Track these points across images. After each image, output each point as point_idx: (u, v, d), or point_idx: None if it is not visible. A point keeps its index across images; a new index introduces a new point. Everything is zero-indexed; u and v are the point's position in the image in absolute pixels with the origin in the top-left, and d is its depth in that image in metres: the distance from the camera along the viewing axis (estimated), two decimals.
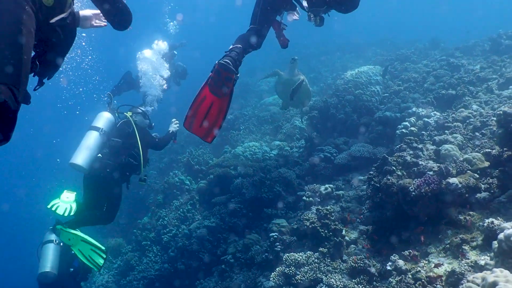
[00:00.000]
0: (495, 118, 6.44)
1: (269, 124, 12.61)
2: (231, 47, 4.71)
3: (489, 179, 5.18)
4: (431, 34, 18.33)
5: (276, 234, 6.84)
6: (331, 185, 7.35)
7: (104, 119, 6.76)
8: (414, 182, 5.27)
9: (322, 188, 7.24)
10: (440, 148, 5.71)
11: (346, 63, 16.30)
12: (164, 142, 7.59)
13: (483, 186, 5.12)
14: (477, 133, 6.17)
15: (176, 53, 10.72)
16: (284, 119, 12.26)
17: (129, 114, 7.18)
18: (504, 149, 5.19)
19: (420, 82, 10.25)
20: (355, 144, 8.50)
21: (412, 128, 7.46)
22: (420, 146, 5.99)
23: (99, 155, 6.51)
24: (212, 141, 5.22)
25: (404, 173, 5.56)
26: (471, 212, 4.94)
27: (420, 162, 5.57)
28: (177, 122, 7.91)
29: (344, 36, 23.66)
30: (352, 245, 6.02)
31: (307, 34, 18.98)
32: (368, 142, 8.46)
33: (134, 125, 6.82)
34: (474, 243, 4.58)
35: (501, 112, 5.02)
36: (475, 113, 7.14)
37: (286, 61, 8.44)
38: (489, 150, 5.54)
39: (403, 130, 7.53)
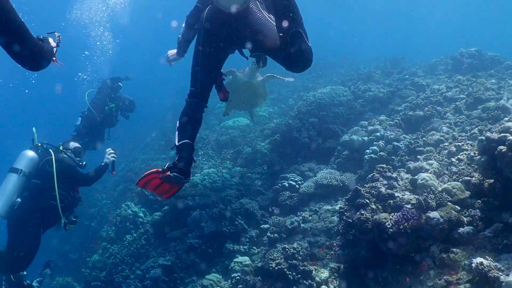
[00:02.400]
0: (470, 142, 6.03)
1: (229, 149, 11.93)
2: (178, 142, 3.63)
3: (471, 211, 4.69)
4: (391, 52, 18.35)
5: (239, 274, 6.13)
6: (297, 218, 6.74)
7: (24, 158, 6.07)
8: (391, 217, 4.71)
9: (288, 222, 6.60)
10: (416, 177, 5.19)
11: (307, 83, 15.89)
12: (94, 177, 6.82)
13: (465, 219, 4.61)
14: (453, 159, 5.71)
15: (121, 85, 10.11)
16: (245, 143, 11.63)
17: (60, 148, 6.43)
18: (485, 178, 4.73)
19: (385, 103, 9.87)
20: (321, 170, 7.96)
21: (382, 153, 6.98)
22: (394, 175, 5.46)
23: (18, 199, 5.77)
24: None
25: (379, 206, 4.99)
26: (454, 249, 4.41)
27: (396, 194, 5.03)
28: (113, 151, 7.14)
29: None
30: (323, 287, 5.40)
31: None
32: (335, 168, 7.93)
33: (54, 164, 6.03)
34: (462, 286, 4.04)
35: (483, 138, 4.55)
36: (447, 136, 6.74)
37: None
38: (468, 178, 5.08)
39: (372, 155, 7.05)
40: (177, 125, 3.69)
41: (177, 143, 3.58)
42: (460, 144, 5.99)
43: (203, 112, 3.81)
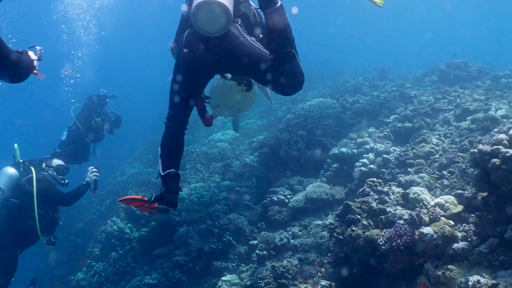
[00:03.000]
0: (461, 155, 5.94)
1: (218, 162, 11.74)
2: (163, 172, 3.36)
3: (465, 226, 4.58)
4: (378, 64, 18.39)
5: None
6: (286, 234, 6.57)
7: (4, 176, 5.83)
8: (383, 233, 4.57)
9: (277, 238, 6.42)
10: (408, 191, 5.06)
11: (295, 96, 15.78)
12: (75, 197, 6.58)
13: (460, 234, 4.49)
14: (444, 172, 5.61)
15: (108, 100, 9.94)
16: (234, 156, 11.47)
17: (43, 166, 6.20)
18: (478, 191, 4.62)
19: (374, 115, 9.80)
20: (310, 184, 7.80)
21: (372, 166, 6.86)
22: (385, 189, 5.32)
23: None
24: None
25: (371, 222, 4.84)
26: (450, 266, 4.27)
27: (388, 209, 4.89)
28: (95, 170, 6.91)
29: None
30: None
31: None
32: (325, 181, 7.79)
33: (34, 183, 5.79)
34: None
35: (475, 150, 4.44)
36: (437, 148, 6.65)
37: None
38: (461, 191, 4.98)
39: (362, 168, 6.92)
40: (159, 152, 3.45)
41: (162, 173, 3.34)
42: (451, 156, 5.89)
43: (184, 135, 3.61)
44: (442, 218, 4.63)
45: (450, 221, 4.59)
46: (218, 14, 2.98)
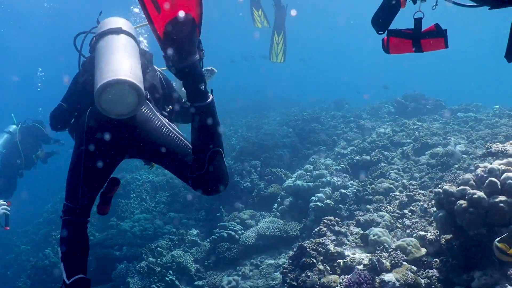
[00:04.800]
0: (422, 192, 5.60)
1: (165, 191, 11.02)
2: (68, 279, 2.51)
3: (428, 272, 4.17)
4: (334, 95, 18.40)
5: None
6: (236, 277, 5.99)
7: None
8: (341, 280, 4.09)
9: (225, 281, 5.82)
10: (367, 232, 4.63)
11: (250, 123, 15.40)
12: None
13: (423, 281, 4.08)
14: (405, 210, 5.23)
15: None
16: (182, 185, 10.79)
17: None
18: (442, 234, 4.25)
19: (331, 146, 9.48)
20: (263, 218, 7.30)
21: (328, 201, 6.44)
22: (343, 229, 4.87)
23: None
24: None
25: (327, 267, 4.35)
26: None
27: (346, 252, 4.43)
28: (5, 203, 6.00)
29: (244, 96, 23.09)
30: None
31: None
32: (278, 216, 7.30)
33: None
34: None
35: (440, 190, 4.08)
36: (397, 183, 6.32)
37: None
38: (423, 232, 4.60)
39: (318, 203, 6.49)
40: (60, 254, 2.66)
41: (67, 281, 2.52)
42: (411, 193, 5.54)
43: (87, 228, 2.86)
44: (404, 263, 4.21)
45: (413, 267, 4.18)
46: (127, 94, 2.44)
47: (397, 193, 5.88)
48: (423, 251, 4.40)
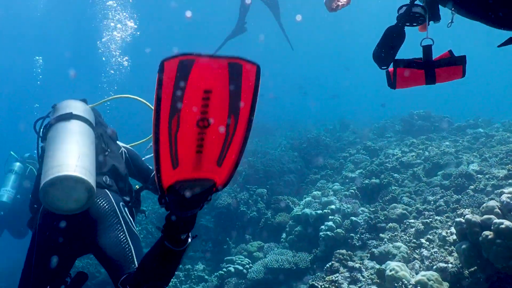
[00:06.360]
0: (438, 218, 5.28)
1: None
2: None
3: None
4: (337, 115, 18.19)
5: None
6: None
7: None
8: None
9: None
10: (384, 267, 4.30)
11: (255, 148, 15.11)
12: None
13: None
14: (422, 240, 4.90)
15: None
16: None
17: None
18: (466, 267, 3.91)
19: (338, 169, 9.18)
20: (271, 250, 6.97)
21: (339, 230, 6.11)
22: (357, 265, 4.55)
23: None
24: None
25: None
26: None
27: None
28: None
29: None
30: None
31: None
32: (287, 247, 6.97)
33: None
34: None
35: (462, 220, 3.77)
36: (410, 209, 5.99)
37: None
38: (444, 264, 4.26)
39: (328, 232, 6.16)
40: None
41: None
42: (427, 220, 5.22)
43: None
44: None
45: None
46: (74, 189, 2.27)
47: (411, 220, 5.55)
48: (445, 285, 4.06)
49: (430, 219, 5.22)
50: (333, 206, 6.86)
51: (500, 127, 9.57)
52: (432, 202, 6.00)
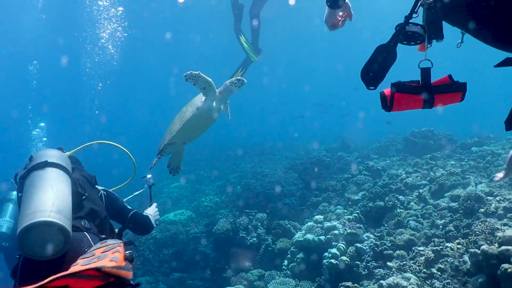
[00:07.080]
0: (449, 245, 4.97)
1: (169, 248, 10.35)
2: None
3: None
4: (338, 134, 17.97)
5: None
6: None
7: None
8: None
9: None
10: None
11: (255, 169, 14.83)
12: None
13: None
14: (433, 269, 4.59)
15: None
16: (187, 241, 10.15)
17: None
18: None
19: (340, 191, 8.88)
20: (273, 278, 6.64)
21: (343, 258, 5.80)
22: None
23: None
24: None
25: None
26: None
27: None
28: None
29: (247, 140, 22.64)
30: None
31: (210, 135, 17.29)
32: (289, 275, 6.64)
33: None
34: None
35: (477, 251, 3.48)
36: (418, 234, 5.69)
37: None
38: None
39: (332, 260, 5.85)
40: None
41: None
42: (437, 248, 4.92)
43: None
44: None
45: None
46: (49, 234, 2.31)
47: (421, 247, 5.24)
48: None
49: (440, 246, 4.92)
50: (336, 232, 6.55)
51: (506, 144, 9.31)
52: (441, 227, 5.70)
